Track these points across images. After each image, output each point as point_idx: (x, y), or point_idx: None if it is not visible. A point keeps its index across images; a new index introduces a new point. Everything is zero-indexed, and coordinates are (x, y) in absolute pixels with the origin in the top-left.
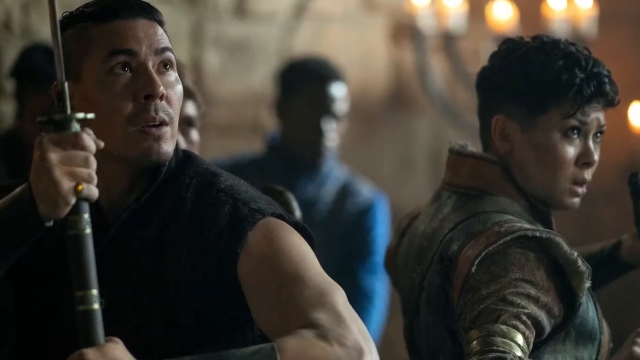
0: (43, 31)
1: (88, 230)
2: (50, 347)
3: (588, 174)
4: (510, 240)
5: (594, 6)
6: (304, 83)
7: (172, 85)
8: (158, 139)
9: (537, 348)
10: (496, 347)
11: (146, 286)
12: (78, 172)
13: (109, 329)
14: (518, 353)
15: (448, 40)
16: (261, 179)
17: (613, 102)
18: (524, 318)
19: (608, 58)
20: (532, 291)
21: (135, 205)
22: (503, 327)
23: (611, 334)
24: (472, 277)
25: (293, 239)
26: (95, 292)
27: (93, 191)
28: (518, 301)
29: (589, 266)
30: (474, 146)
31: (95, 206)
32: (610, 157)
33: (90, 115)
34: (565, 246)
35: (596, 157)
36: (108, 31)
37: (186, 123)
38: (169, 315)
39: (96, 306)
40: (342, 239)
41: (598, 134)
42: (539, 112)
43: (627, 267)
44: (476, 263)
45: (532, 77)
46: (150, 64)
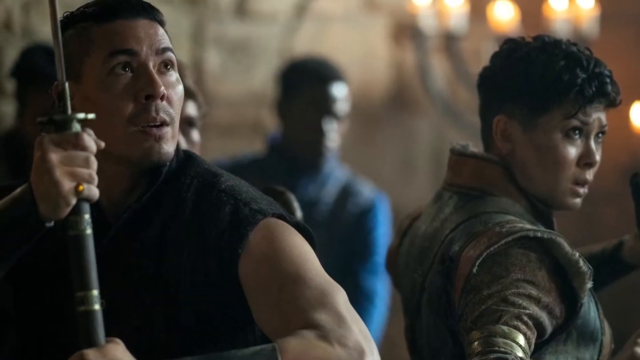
0: (44, 31)
1: (89, 230)
2: (50, 348)
3: (589, 175)
4: (511, 240)
5: (596, 6)
6: (305, 83)
7: (173, 85)
8: (159, 139)
9: (539, 349)
10: (497, 348)
11: (147, 287)
12: (79, 173)
13: (110, 330)
14: (519, 354)
15: (449, 40)
16: (262, 180)
17: (615, 103)
18: (526, 319)
19: (609, 58)
20: (534, 292)
21: (136, 205)
22: (504, 328)
23: (613, 335)
24: (474, 278)
25: (294, 240)
26: (96, 293)
27: (94, 191)
28: (519, 302)
29: (591, 267)
30: (476, 146)
31: (96, 206)
32: (611, 158)
33: (91, 115)
34: (566, 247)
35: (598, 158)
36: (109, 31)
37: (187, 123)
38: (170, 315)
39: (97, 307)
40: (343, 240)
41: (599, 135)
42: (541, 113)
43: (629, 268)
44: (477, 264)
45: (534, 78)
46: (151, 64)
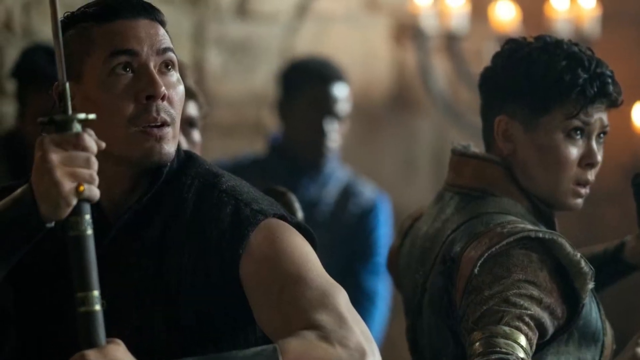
0: (44, 31)
1: (89, 231)
2: (51, 348)
3: (591, 175)
4: (513, 241)
5: (597, 6)
6: (306, 83)
7: (174, 85)
8: (159, 140)
9: (540, 349)
10: (499, 349)
11: (148, 287)
12: (79, 173)
13: (111, 330)
14: (521, 354)
15: (450, 40)
16: (263, 180)
17: (616, 103)
18: (527, 319)
19: (611, 58)
20: (535, 292)
21: (136, 205)
22: (506, 329)
23: (614, 336)
24: (475, 278)
25: (295, 240)
26: (96, 294)
27: (94, 192)
28: (521, 302)
29: (592, 267)
30: (477, 147)
31: (96, 207)
32: (613, 158)
33: (91, 115)
34: (568, 247)
35: (599, 158)
36: (109, 31)
37: (188, 123)
38: (171, 316)
39: (97, 307)
40: (345, 240)
41: (601, 135)
42: (542, 113)
43: (631, 269)
44: (479, 264)
45: (535, 78)
46: (151, 65)
